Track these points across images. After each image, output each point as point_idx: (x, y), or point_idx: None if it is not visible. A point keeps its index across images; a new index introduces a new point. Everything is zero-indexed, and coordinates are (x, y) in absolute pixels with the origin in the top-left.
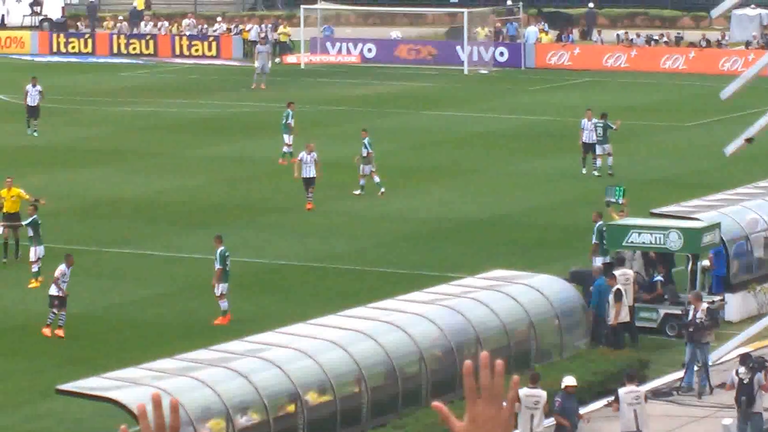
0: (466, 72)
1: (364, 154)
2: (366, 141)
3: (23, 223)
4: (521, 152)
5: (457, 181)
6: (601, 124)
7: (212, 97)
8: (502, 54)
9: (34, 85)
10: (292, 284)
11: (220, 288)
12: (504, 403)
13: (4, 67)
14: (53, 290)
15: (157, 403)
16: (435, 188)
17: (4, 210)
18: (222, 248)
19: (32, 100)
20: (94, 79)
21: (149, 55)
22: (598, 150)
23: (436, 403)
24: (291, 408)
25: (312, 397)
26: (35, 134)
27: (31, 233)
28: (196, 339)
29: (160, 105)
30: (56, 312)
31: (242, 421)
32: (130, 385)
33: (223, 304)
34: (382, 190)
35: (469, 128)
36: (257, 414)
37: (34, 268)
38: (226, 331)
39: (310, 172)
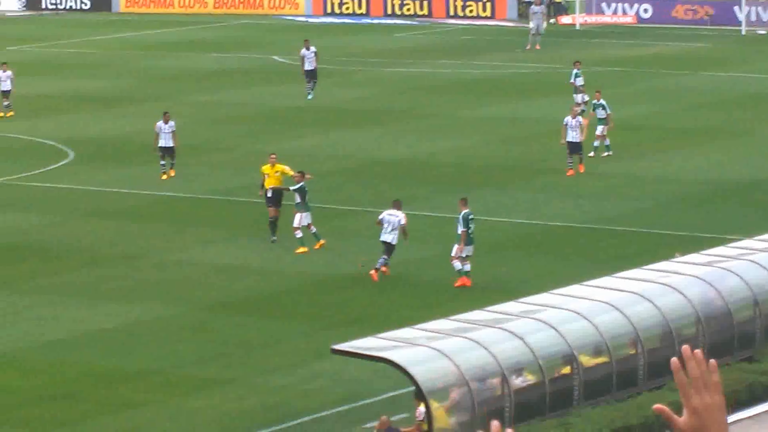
0: (743, 33)
1: (602, 116)
2: (602, 102)
3: (291, 188)
4: None
5: (733, 143)
6: None
7: (486, 58)
8: None
9: (308, 48)
10: (566, 245)
11: (465, 251)
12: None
13: (278, 28)
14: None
15: (688, 356)
16: (711, 149)
17: (267, 186)
18: (466, 211)
19: (309, 64)
20: (367, 41)
21: (423, 16)
22: None
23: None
24: (566, 369)
25: (587, 359)
26: (309, 97)
27: (298, 199)
28: (470, 300)
29: (434, 66)
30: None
31: (517, 381)
32: (406, 346)
33: (466, 267)
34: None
35: (744, 89)
36: (532, 375)
37: (298, 234)
38: (499, 293)
39: (576, 136)
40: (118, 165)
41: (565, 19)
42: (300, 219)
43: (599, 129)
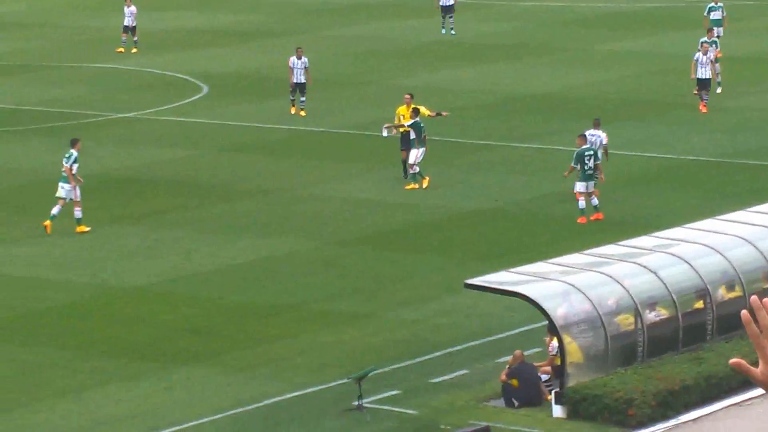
0: None
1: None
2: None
3: (405, 124)
4: None
5: None
6: None
7: None
8: None
9: None
10: (699, 180)
11: (586, 186)
12: None
13: None
14: None
15: (757, 306)
16: None
17: (402, 129)
18: (584, 147)
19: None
20: None
21: None
22: None
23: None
24: (699, 304)
25: (721, 293)
26: (452, 33)
27: (413, 135)
28: (603, 234)
29: (571, 0)
30: None
31: (651, 316)
32: (539, 280)
33: (593, 201)
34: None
35: None
36: (666, 309)
37: (415, 169)
38: (632, 228)
39: (706, 73)
40: (253, 99)
41: None
42: (416, 155)
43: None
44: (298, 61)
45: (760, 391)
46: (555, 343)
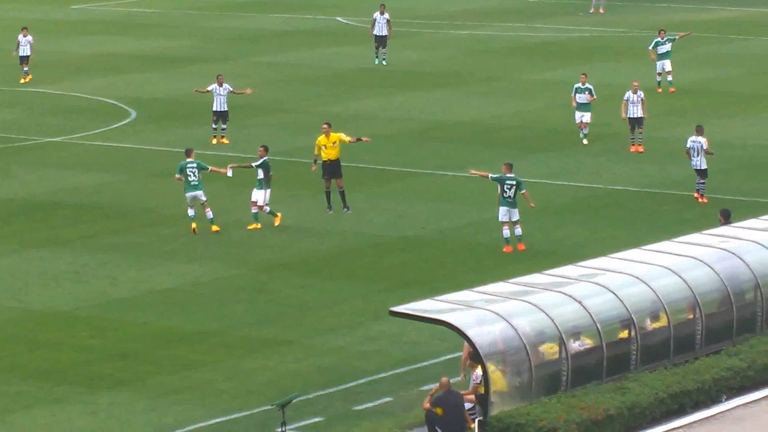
0: None
1: (584, 101)
2: (588, 86)
3: (253, 165)
4: None
5: None
6: None
7: (550, 21)
8: None
9: (381, 13)
10: (626, 210)
11: (511, 215)
12: None
13: None
14: None
15: None
16: None
17: (324, 158)
18: (508, 175)
19: (379, 29)
20: (432, 3)
21: None
22: None
23: None
24: (624, 333)
25: (645, 323)
26: (384, 63)
27: (260, 175)
28: (529, 263)
29: (499, 29)
30: None
31: (575, 345)
32: (464, 308)
33: (516, 231)
34: (585, 141)
35: None
36: (590, 339)
37: (266, 209)
38: (558, 257)
39: (637, 112)
40: (181, 125)
41: None
42: (261, 196)
43: (587, 116)
44: (220, 88)
45: (685, 420)
46: (479, 371)
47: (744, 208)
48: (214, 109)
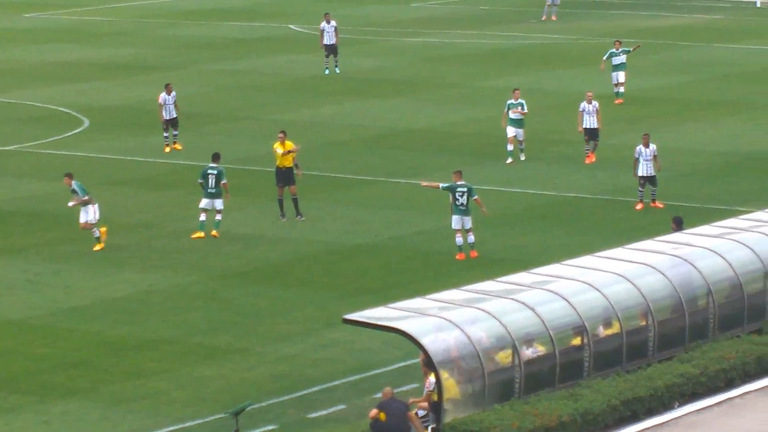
0: (758, 5)
1: (518, 117)
2: (520, 101)
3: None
4: None
5: (749, 115)
6: None
7: (503, 29)
8: None
9: (328, 22)
10: (579, 216)
11: (463, 222)
12: None
13: None
14: None
15: None
16: (726, 122)
17: (278, 165)
18: (458, 183)
19: (329, 38)
20: (385, 10)
21: None
22: None
23: None
24: (577, 340)
25: (598, 330)
26: (337, 71)
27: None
28: (482, 270)
29: (451, 36)
30: None
31: (528, 352)
32: (417, 316)
33: (470, 238)
34: (522, 156)
35: (761, 62)
36: (543, 346)
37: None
38: (511, 264)
39: (593, 123)
40: (134, 133)
41: None
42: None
43: (520, 133)
44: (168, 97)
45: (638, 426)
46: (432, 378)
47: (697, 214)
48: (165, 117)
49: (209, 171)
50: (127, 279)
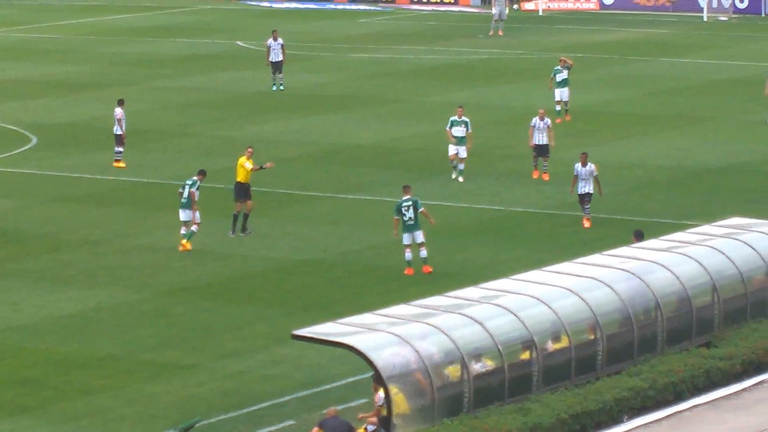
0: (705, 19)
1: (461, 134)
2: (464, 119)
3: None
4: (761, 101)
5: (695, 129)
6: None
7: (450, 44)
8: (742, 1)
9: (275, 39)
10: (527, 231)
11: (413, 238)
12: None
13: (242, 14)
14: None
15: None
16: (673, 136)
17: (238, 179)
18: (405, 198)
19: (275, 55)
20: (332, 26)
21: (387, 1)
22: None
23: None
24: (525, 355)
25: (547, 344)
26: (281, 88)
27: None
28: (431, 285)
29: (398, 52)
30: None
31: (477, 366)
32: (366, 331)
33: (422, 253)
34: (461, 179)
35: (707, 76)
36: (492, 360)
37: (183, 230)
38: (459, 278)
39: (543, 139)
40: (82, 150)
41: (528, 5)
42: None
43: (462, 151)
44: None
45: None
46: (381, 393)
47: (644, 228)
48: (116, 132)
49: (186, 183)
50: (75, 296)
